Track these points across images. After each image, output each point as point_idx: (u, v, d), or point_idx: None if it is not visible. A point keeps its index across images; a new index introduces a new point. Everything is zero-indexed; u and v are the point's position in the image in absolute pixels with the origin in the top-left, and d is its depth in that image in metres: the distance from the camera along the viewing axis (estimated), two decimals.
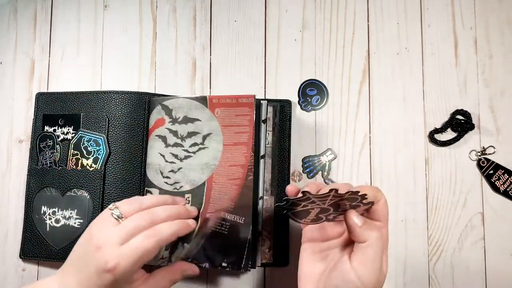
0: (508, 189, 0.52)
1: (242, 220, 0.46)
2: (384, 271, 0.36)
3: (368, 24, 0.56)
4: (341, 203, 0.36)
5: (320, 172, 0.53)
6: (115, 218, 0.40)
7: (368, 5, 0.56)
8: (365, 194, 0.34)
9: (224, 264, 0.46)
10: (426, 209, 0.53)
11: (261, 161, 0.51)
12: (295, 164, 0.53)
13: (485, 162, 0.53)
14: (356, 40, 0.55)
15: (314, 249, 0.40)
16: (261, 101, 0.51)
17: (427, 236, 0.52)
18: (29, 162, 0.52)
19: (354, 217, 0.35)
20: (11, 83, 0.54)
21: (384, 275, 0.36)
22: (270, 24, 0.56)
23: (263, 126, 0.51)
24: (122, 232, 0.39)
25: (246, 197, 0.46)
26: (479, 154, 0.53)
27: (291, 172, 0.53)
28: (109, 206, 0.41)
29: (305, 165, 0.53)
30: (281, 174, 0.52)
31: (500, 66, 0.55)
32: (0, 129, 0.54)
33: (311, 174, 0.53)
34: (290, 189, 0.41)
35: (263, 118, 0.51)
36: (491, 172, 0.53)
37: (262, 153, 0.51)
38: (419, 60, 0.55)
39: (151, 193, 0.49)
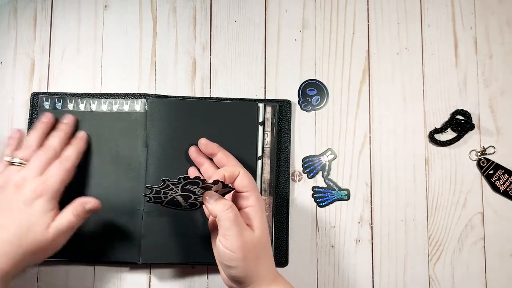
0: (508, 189, 0.52)
1: None
2: (249, 233, 0.40)
3: (368, 24, 0.56)
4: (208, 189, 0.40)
5: (320, 172, 0.53)
6: (18, 165, 0.45)
7: (368, 5, 0.56)
8: (216, 181, 0.39)
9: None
10: (426, 209, 0.53)
11: (259, 162, 0.51)
12: (295, 164, 0.53)
13: (485, 162, 0.53)
14: (356, 40, 0.55)
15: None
16: (258, 104, 0.52)
17: (427, 236, 0.52)
18: None
19: (207, 197, 0.40)
20: (11, 83, 0.54)
21: (253, 236, 0.40)
22: (270, 24, 0.56)
23: (260, 128, 0.51)
24: (34, 167, 0.44)
25: None
26: (479, 154, 0.53)
27: (291, 172, 0.53)
28: (5, 159, 0.45)
29: (305, 165, 0.53)
30: (281, 174, 0.52)
31: (500, 66, 0.55)
32: (0, 129, 0.54)
33: (311, 174, 0.53)
34: (192, 171, 0.48)
35: (260, 120, 0.51)
36: (491, 172, 0.53)
37: (259, 154, 0.51)
38: (419, 60, 0.55)
39: None
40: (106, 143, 0.51)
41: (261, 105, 0.52)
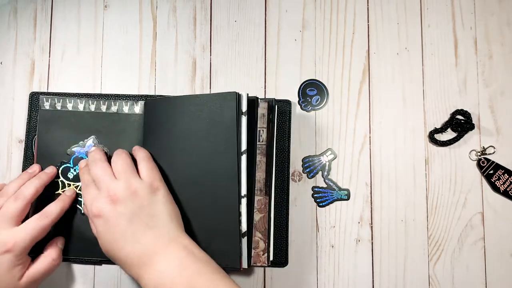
0: (508, 189, 0.52)
1: None
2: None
3: (368, 24, 0.56)
4: None
5: (320, 172, 0.53)
6: None
7: (368, 5, 0.56)
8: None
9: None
10: (426, 209, 0.53)
11: (243, 157, 0.47)
12: (295, 164, 0.53)
13: (485, 162, 0.53)
14: (356, 40, 0.55)
15: None
16: (239, 93, 0.47)
17: (427, 236, 0.52)
18: (23, 162, 0.52)
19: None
20: (11, 83, 0.54)
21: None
22: (270, 24, 0.56)
23: (243, 118, 0.47)
24: (6, 216, 0.43)
25: None
26: (479, 154, 0.53)
27: (291, 172, 0.53)
28: None
29: (305, 165, 0.53)
30: (281, 174, 0.52)
31: (500, 66, 0.55)
32: (0, 129, 0.54)
33: (311, 174, 0.53)
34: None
35: (243, 110, 0.47)
36: (491, 172, 0.53)
37: (243, 148, 0.47)
38: (419, 60, 0.55)
39: None
40: (105, 144, 0.51)
41: (243, 93, 0.47)
